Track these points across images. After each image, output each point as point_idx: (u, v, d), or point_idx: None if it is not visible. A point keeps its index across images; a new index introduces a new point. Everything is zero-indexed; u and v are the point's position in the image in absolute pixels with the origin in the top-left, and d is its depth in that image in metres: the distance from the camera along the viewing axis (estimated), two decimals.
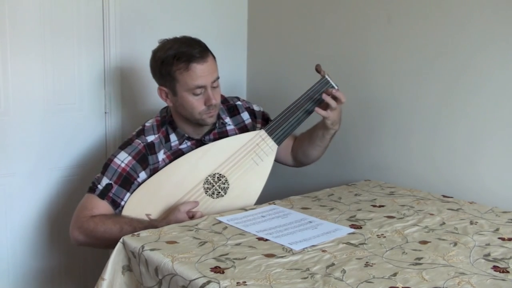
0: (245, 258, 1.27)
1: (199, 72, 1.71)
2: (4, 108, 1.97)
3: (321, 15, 2.31)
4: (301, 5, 2.39)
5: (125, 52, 2.22)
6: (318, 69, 1.85)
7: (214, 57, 1.77)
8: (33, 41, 2.00)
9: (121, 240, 1.39)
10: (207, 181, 1.75)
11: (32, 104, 2.03)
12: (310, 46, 2.36)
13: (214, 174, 1.76)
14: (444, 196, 1.85)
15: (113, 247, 1.47)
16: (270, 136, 1.81)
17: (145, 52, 2.28)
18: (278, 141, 1.81)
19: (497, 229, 1.52)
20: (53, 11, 2.03)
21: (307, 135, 1.93)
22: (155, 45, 2.29)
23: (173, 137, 1.81)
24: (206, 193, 1.74)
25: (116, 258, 1.39)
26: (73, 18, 2.08)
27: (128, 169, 1.72)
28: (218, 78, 1.77)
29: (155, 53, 1.78)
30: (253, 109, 1.98)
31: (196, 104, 1.74)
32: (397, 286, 1.14)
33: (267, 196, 1.79)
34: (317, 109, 1.77)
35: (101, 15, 2.15)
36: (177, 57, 1.70)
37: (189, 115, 1.76)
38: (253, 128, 1.96)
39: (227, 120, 1.91)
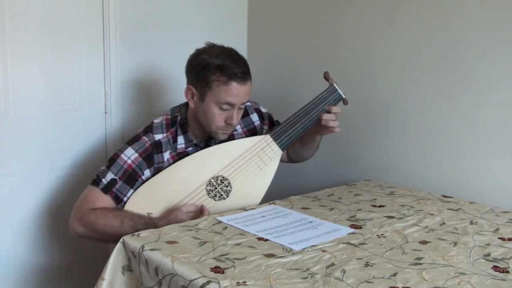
0: (245, 258, 1.27)
1: (235, 91, 1.71)
2: (4, 108, 1.97)
3: (321, 15, 2.31)
4: (301, 5, 2.39)
5: (125, 52, 2.22)
6: (326, 77, 1.84)
7: (251, 82, 1.77)
8: (33, 41, 2.00)
9: (121, 240, 1.39)
10: (210, 183, 1.75)
11: (32, 104, 2.03)
12: (310, 47, 2.36)
13: (217, 177, 1.75)
14: (444, 196, 1.85)
15: (112, 241, 1.46)
16: (275, 141, 1.80)
17: (145, 52, 2.30)
18: (283, 147, 1.81)
19: (497, 229, 1.52)
20: (53, 11, 2.03)
21: (297, 140, 1.93)
22: (155, 44, 2.31)
23: (180, 140, 1.81)
24: (208, 195, 1.74)
25: (116, 258, 1.39)
26: (73, 18, 2.09)
27: (134, 166, 1.72)
28: (247, 101, 1.79)
29: (199, 54, 1.76)
30: (261, 111, 1.99)
31: (218, 118, 1.74)
32: (397, 286, 1.14)
33: (267, 196, 1.79)
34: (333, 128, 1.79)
35: (101, 16, 2.15)
36: (221, 68, 1.70)
37: (206, 124, 1.76)
38: (261, 130, 1.96)
39: (237, 126, 1.91)
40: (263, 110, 2.00)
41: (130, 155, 1.73)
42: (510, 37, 1.75)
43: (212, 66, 1.71)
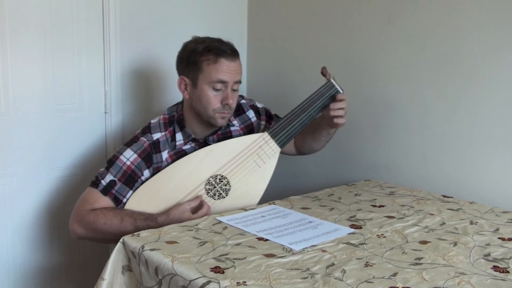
0: (245, 258, 1.27)
1: (226, 67, 1.72)
2: (4, 108, 1.97)
3: (321, 15, 2.31)
4: (301, 5, 2.39)
5: (125, 52, 2.22)
6: (323, 73, 1.84)
7: (241, 62, 1.79)
8: (33, 41, 2.00)
9: (121, 240, 1.39)
10: (208, 182, 1.75)
11: (32, 104, 2.03)
12: (310, 46, 2.36)
13: (216, 176, 1.75)
14: (444, 196, 1.85)
15: (113, 240, 1.46)
16: (273, 139, 1.80)
17: (145, 52, 2.30)
18: (281, 144, 1.81)
19: (497, 229, 1.52)
20: (53, 11, 2.03)
21: (309, 132, 1.93)
22: (155, 44, 2.31)
23: (179, 136, 1.81)
24: (207, 194, 1.74)
25: (116, 258, 1.39)
26: (73, 18, 2.09)
27: (133, 167, 1.72)
28: (240, 82, 1.79)
29: (186, 44, 1.80)
30: (256, 107, 1.99)
31: (213, 100, 1.74)
32: (397, 286, 1.14)
33: (267, 196, 1.79)
34: (337, 120, 1.78)
35: (101, 16, 2.15)
36: (208, 48, 1.73)
37: (202, 110, 1.76)
38: (258, 126, 1.96)
39: (235, 121, 1.91)
40: (259, 105, 2.00)
41: (129, 156, 1.73)
42: None
43: (200, 49, 1.74)
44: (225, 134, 1.87)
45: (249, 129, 1.94)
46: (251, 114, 1.96)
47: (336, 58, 2.24)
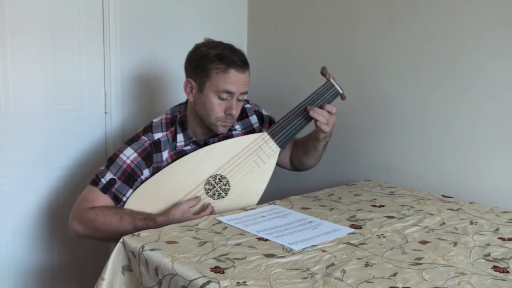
0: (245, 258, 1.27)
1: (234, 78, 1.72)
2: (4, 108, 1.97)
3: (321, 15, 2.31)
4: (301, 5, 2.39)
5: (125, 52, 2.22)
6: (323, 72, 1.84)
7: (250, 73, 1.78)
8: (33, 40, 2.00)
9: (121, 240, 1.39)
10: (208, 182, 1.75)
11: (32, 104, 2.03)
12: (310, 47, 2.36)
13: (215, 175, 1.75)
14: (444, 196, 1.85)
15: (112, 239, 1.45)
16: (272, 139, 1.80)
17: (145, 52, 2.30)
18: (281, 144, 1.81)
19: (497, 229, 1.52)
20: (53, 11, 2.03)
21: (301, 145, 1.94)
22: (155, 44, 2.31)
23: (180, 138, 1.81)
24: (207, 194, 1.74)
25: (116, 258, 1.39)
26: (73, 17, 2.09)
27: (133, 166, 1.73)
28: (246, 92, 1.79)
29: (198, 47, 1.78)
30: (261, 113, 1.99)
31: (217, 108, 1.74)
32: (397, 286, 1.14)
33: (267, 196, 1.79)
34: (320, 124, 1.76)
35: (101, 16, 2.16)
36: (219, 57, 1.71)
37: (205, 116, 1.76)
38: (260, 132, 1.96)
39: (237, 126, 1.91)
40: (265, 113, 2.00)
41: (129, 155, 1.74)
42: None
43: (211, 55, 1.72)
44: (226, 138, 1.86)
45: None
46: (254, 119, 1.96)
47: (336, 58, 2.24)
